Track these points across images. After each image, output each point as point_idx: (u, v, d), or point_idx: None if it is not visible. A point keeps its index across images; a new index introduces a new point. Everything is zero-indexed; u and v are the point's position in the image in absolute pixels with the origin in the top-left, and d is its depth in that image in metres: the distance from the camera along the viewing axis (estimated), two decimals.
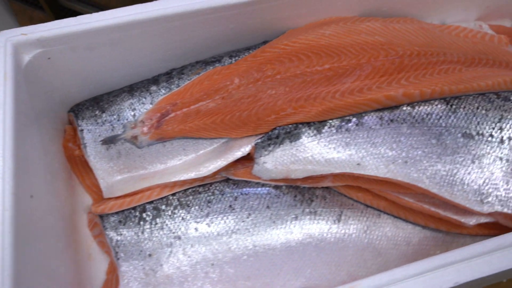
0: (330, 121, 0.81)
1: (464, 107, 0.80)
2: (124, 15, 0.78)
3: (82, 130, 0.87)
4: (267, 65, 0.84)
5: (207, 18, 0.83)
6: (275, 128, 0.82)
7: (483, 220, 0.78)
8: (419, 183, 0.74)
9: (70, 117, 0.91)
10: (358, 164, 0.76)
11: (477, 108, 0.80)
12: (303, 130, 0.81)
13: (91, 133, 0.87)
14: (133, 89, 0.90)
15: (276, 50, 0.85)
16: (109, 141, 0.86)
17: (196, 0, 0.79)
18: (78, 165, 0.90)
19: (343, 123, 0.80)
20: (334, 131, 0.80)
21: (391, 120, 0.79)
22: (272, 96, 0.82)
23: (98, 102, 0.89)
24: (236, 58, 0.89)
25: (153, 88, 0.89)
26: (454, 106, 0.80)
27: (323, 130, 0.80)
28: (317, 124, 0.81)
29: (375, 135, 0.78)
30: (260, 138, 0.82)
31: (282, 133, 0.81)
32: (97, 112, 0.88)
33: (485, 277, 0.61)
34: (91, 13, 0.78)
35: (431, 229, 0.83)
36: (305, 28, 0.90)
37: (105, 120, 0.87)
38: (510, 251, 0.62)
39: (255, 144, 0.82)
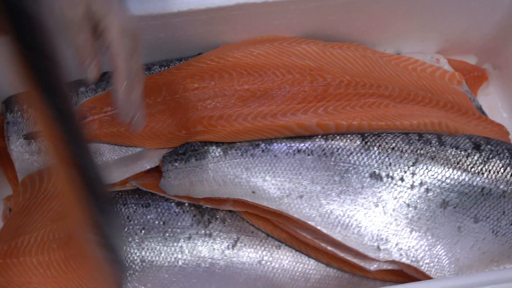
0: (239, 143, 0.78)
1: (380, 145, 0.76)
2: None
3: (8, 122, 0.88)
4: (188, 79, 0.82)
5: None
6: (184, 144, 0.80)
7: (386, 266, 0.74)
8: (310, 220, 0.71)
9: (2, 108, 0.93)
10: (253, 192, 0.74)
11: (393, 148, 0.76)
12: (211, 149, 0.78)
13: (16, 126, 0.88)
14: None
15: (200, 65, 0.84)
16: (30, 137, 0.87)
17: None
18: (2, 156, 0.91)
19: (250, 148, 0.77)
20: (239, 154, 0.77)
21: (298, 151, 0.76)
22: (186, 111, 0.81)
23: None
24: (166, 67, 0.88)
25: (82, 89, 0.89)
26: (368, 144, 0.76)
27: (229, 152, 0.78)
28: (225, 145, 0.78)
29: (278, 164, 0.75)
30: (169, 152, 0.81)
31: (190, 149, 0.79)
32: (25, 107, 0.89)
33: None
34: None
35: (336, 268, 0.79)
36: (239, 45, 0.88)
37: (30, 115, 0.88)
38: None
39: (163, 158, 0.80)
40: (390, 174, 0.74)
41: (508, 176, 0.74)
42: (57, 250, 0.74)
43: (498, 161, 0.74)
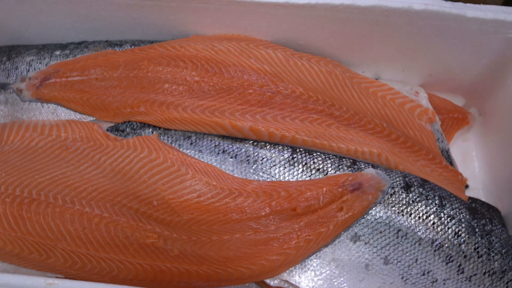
0: (174, 131, 0.79)
1: (306, 163, 0.74)
2: None
3: None
4: (146, 61, 0.84)
5: (111, 2, 0.85)
6: (126, 122, 0.82)
7: (283, 285, 0.72)
8: None
9: None
10: None
11: (318, 170, 0.73)
12: (146, 131, 0.80)
13: None
14: (43, 48, 0.95)
15: (161, 50, 0.85)
16: (1, 87, 0.92)
17: None
18: None
19: (181, 138, 0.78)
20: (169, 142, 0.78)
21: (223, 151, 0.75)
22: (135, 91, 0.82)
23: (10, 50, 0.96)
24: (136, 47, 0.90)
25: (57, 52, 0.93)
26: (295, 159, 0.74)
27: (161, 138, 0.78)
28: (160, 130, 0.80)
29: (202, 160, 0.75)
30: (111, 126, 0.83)
31: (129, 127, 0.81)
32: (3, 58, 0.94)
33: None
34: None
35: None
36: (208, 38, 0.88)
37: (6, 68, 0.93)
38: None
39: (106, 130, 0.82)
40: None
41: (429, 224, 0.69)
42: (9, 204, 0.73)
43: (423, 207, 0.70)
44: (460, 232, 0.69)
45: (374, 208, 0.70)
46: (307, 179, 0.73)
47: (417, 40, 0.85)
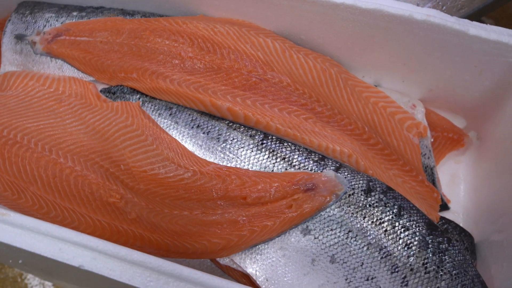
0: (158, 101, 0.82)
1: (273, 151, 0.75)
2: None
3: (9, 20, 1.01)
4: (148, 31, 0.87)
5: None
6: (119, 85, 0.86)
7: (234, 266, 0.73)
8: None
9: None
10: None
11: (283, 159, 0.74)
12: (134, 97, 0.83)
13: (13, 25, 1.00)
14: (63, 8, 1.00)
15: (164, 24, 0.88)
16: (18, 37, 0.98)
17: None
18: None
19: (163, 107, 0.81)
20: (151, 109, 0.81)
21: (198, 126, 0.77)
22: (131, 58, 0.86)
23: (35, 6, 1.02)
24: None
25: (74, 13, 0.98)
26: (264, 145, 0.75)
27: (146, 104, 0.82)
28: (147, 98, 0.83)
29: (173, 131, 0.78)
30: (105, 88, 0.87)
31: (120, 91, 0.85)
32: (27, 12, 1.01)
33: None
34: None
35: None
36: (212, 19, 0.91)
37: (26, 20, 0.99)
38: None
39: (100, 91, 0.86)
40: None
41: (380, 231, 0.68)
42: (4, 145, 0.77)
43: (379, 213, 0.69)
44: (411, 245, 0.68)
45: (331, 206, 0.70)
46: (270, 165, 0.73)
47: (417, 51, 0.84)
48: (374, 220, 0.69)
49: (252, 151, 0.74)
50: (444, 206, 0.89)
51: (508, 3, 1.10)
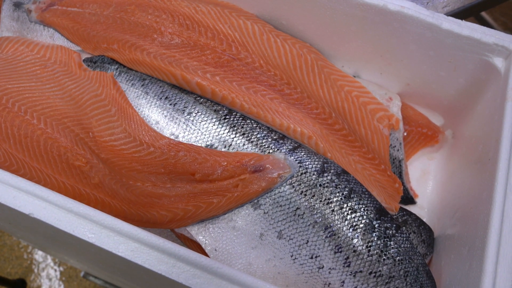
0: (134, 72, 0.85)
1: (234, 126, 0.77)
2: None
3: None
4: (133, 6, 0.90)
5: None
6: (101, 55, 0.89)
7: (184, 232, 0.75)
8: None
9: None
10: None
11: (243, 134, 0.76)
12: (112, 67, 0.86)
13: None
14: None
15: (150, 0, 0.91)
16: (16, 5, 1.03)
17: None
18: None
19: (137, 78, 0.83)
20: (126, 79, 0.83)
21: (166, 97, 0.80)
22: (114, 30, 0.89)
23: None
24: None
25: None
26: (227, 120, 0.77)
27: (122, 75, 0.84)
28: (124, 69, 0.86)
29: (142, 101, 0.80)
30: (88, 57, 0.90)
31: (100, 60, 0.88)
32: None
33: None
34: None
35: None
36: None
37: None
38: None
39: (83, 60, 0.90)
40: (218, 146, 0.74)
41: (327, 211, 0.69)
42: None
43: (328, 193, 0.70)
44: (356, 227, 0.68)
45: (283, 184, 0.71)
46: (229, 140, 0.75)
47: (392, 43, 0.84)
48: (323, 200, 0.70)
49: (214, 124, 0.76)
50: (411, 200, 0.89)
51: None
